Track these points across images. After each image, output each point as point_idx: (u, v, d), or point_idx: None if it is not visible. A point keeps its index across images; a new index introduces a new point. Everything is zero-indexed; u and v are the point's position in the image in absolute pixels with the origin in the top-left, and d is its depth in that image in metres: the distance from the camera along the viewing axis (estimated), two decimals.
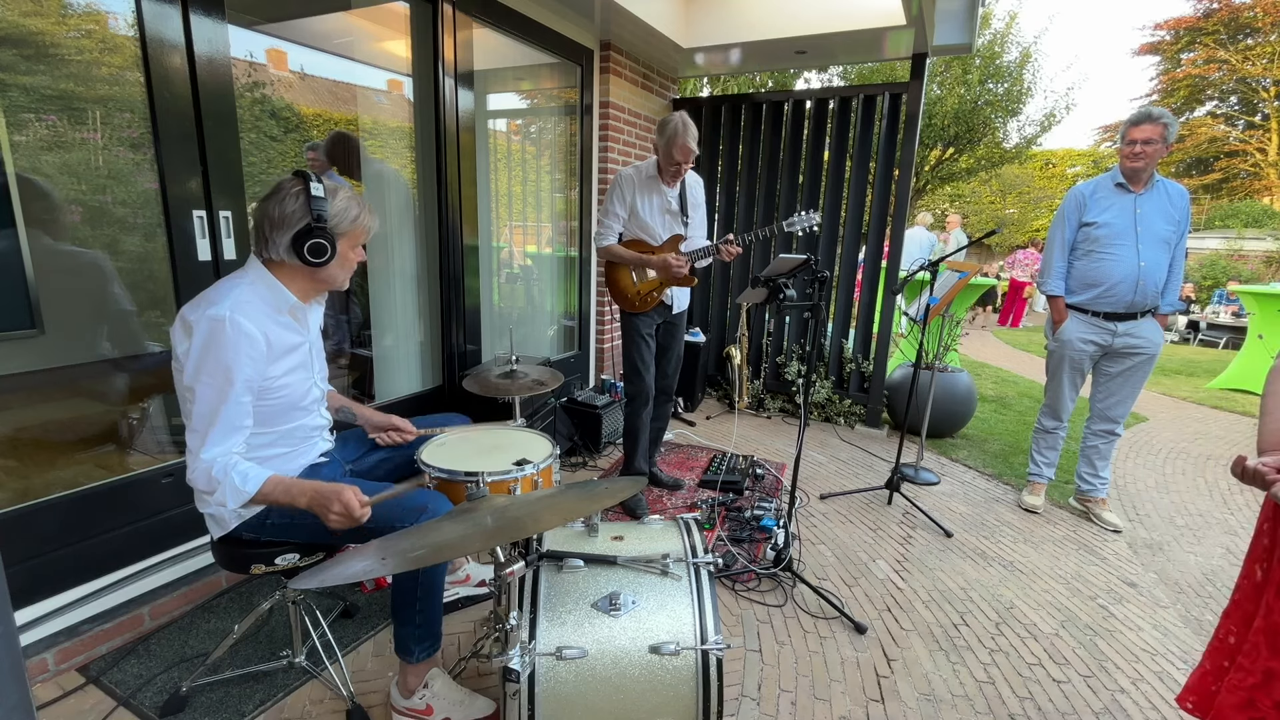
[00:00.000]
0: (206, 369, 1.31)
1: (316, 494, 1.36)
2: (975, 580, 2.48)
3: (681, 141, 2.52)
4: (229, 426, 1.35)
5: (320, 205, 1.41)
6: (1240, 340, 6.91)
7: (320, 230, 1.42)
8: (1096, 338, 2.84)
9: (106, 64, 1.90)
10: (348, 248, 1.51)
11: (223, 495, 1.34)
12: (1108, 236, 2.75)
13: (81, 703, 1.69)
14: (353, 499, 1.34)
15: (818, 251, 4.35)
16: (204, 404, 1.33)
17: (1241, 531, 3.03)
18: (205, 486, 1.35)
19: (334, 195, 1.45)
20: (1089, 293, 2.82)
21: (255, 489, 1.35)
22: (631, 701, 1.27)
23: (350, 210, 1.48)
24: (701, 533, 1.54)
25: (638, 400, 2.81)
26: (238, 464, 1.36)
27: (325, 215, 1.42)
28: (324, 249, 1.43)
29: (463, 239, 3.14)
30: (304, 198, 1.40)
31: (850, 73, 12.20)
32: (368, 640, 1.98)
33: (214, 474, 1.33)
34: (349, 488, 1.36)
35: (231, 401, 1.34)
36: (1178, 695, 1.41)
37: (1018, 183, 19.93)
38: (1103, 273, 2.77)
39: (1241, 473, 1.07)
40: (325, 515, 1.35)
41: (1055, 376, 3.01)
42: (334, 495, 1.34)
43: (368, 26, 2.96)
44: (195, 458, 1.34)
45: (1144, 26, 37.27)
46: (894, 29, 3.58)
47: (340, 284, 1.57)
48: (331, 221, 1.44)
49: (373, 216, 1.56)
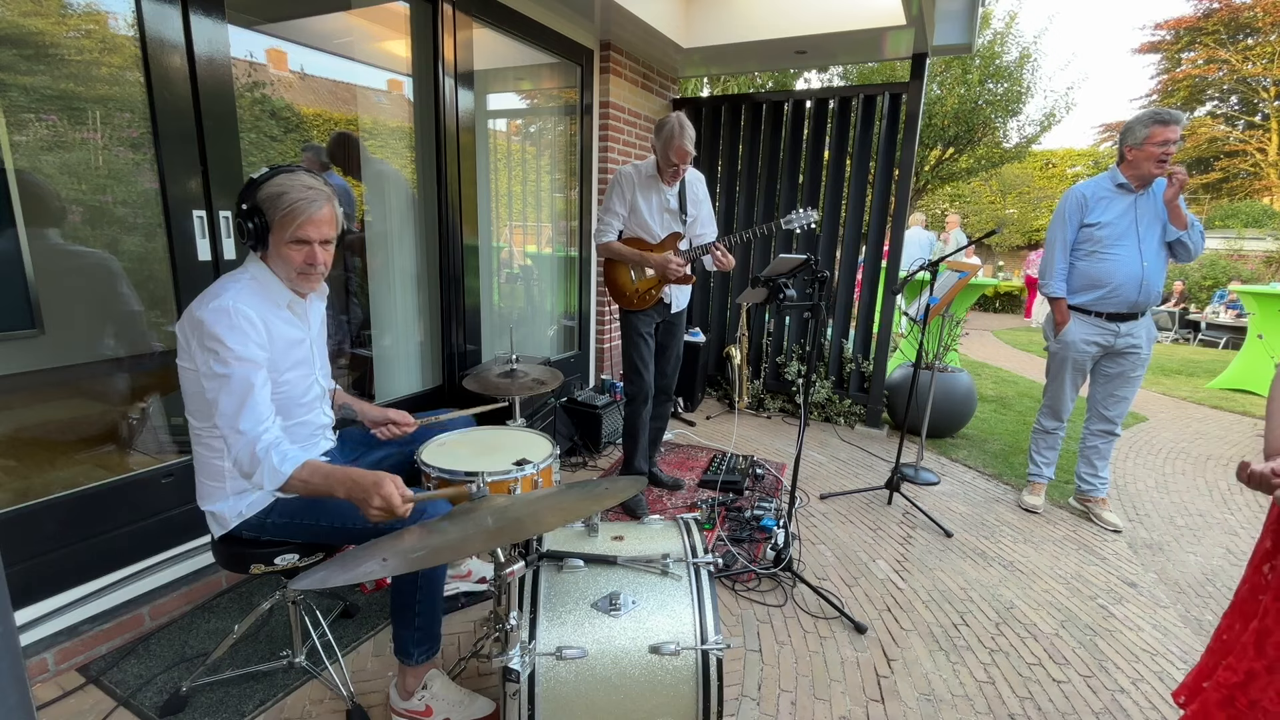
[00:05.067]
0: (225, 354, 1.32)
1: (355, 484, 1.29)
2: (975, 580, 2.48)
3: (678, 144, 2.51)
4: (261, 402, 1.35)
5: (250, 187, 1.38)
6: (1240, 340, 6.91)
7: (247, 213, 1.38)
8: (1100, 339, 2.83)
9: (106, 64, 1.90)
10: (280, 241, 1.40)
11: (261, 476, 1.31)
12: (1110, 237, 2.72)
13: (81, 703, 1.69)
14: (393, 492, 1.27)
15: (818, 251, 4.35)
16: (230, 386, 1.32)
17: (1241, 531, 3.03)
18: (249, 465, 1.32)
19: (273, 182, 1.37)
20: (1092, 294, 2.79)
21: (291, 470, 1.32)
22: (631, 701, 1.27)
23: (281, 198, 1.36)
24: (701, 533, 1.54)
25: (637, 400, 2.81)
26: (280, 443, 1.34)
27: (255, 199, 1.37)
28: (243, 230, 1.39)
29: (463, 239, 3.14)
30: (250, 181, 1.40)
31: (850, 72, 12.20)
32: (368, 640, 1.98)
33: (257, 451, 1.30)
34: (389, 478, 1.29)
35: (259, 380, 1.35)
36: (1174, 690, 1.43)
37: (1018, 183, 19.92)
38: (1106, 273, 2.74)
39: (1248, 478, 1.06)
40: (365, 508, 1.29)
41: (1057, 378, 2.99)
42: (374, 487, 1.27)
43: (368, 26, 2.96)
44: (237, 434, 1.31)
45: (1144, 26, 37.33)
46: (894, 29, 3.58)
47: (298, 286, 1.48)
48: (263, 206, 1.37)
49: (311, 209, 1.39)
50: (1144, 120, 2.60)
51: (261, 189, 1.38)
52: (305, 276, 1.47)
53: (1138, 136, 2.62)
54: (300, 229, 1.40)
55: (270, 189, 1.38)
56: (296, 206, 1.38)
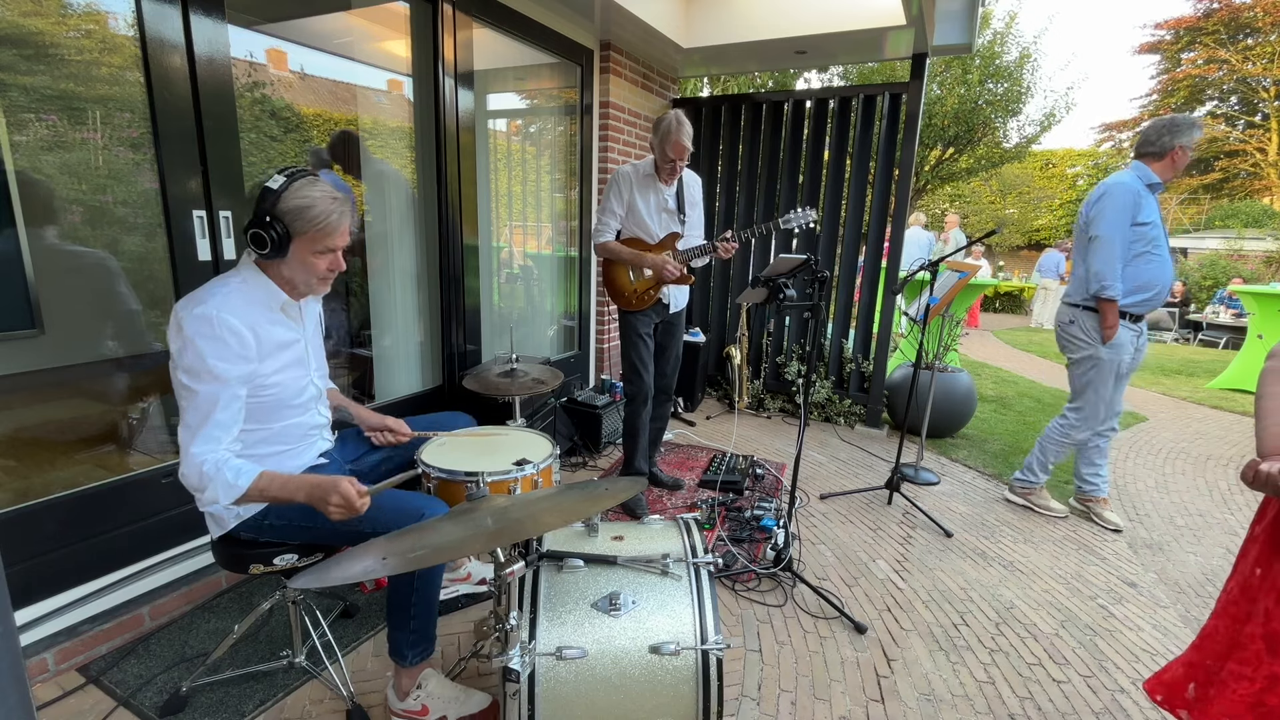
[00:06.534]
0: (197, 367, 1.31)
1: (313, 487, 1.36)
2: (975, 580, 2.48)
3: (675, 138, 2.51)
4: (221, 423, 1.35)
5: (270, 198, 1.37)
6: (1240, 340, 6.91)
7: (267, 224, 1.37)
8: (1132, 340, 2.79)
9: (106, 64, 1.90)
10: (305, 251, 1.41)
11: (214, 492, 1.33)
12: (1157, 237, 2.68)
13: (81, 703, 1.69)
14: (350, 489, 1.33)
15: (818, 251, 4.35)
16: (196, 401, 1.32)
17: (1241, 531, 3.02)
18: (196, 483, 1.34)
19: (295, 192, 1.37)
20: (1140, 295, 2.70)
21: (248, 483, 1.34)
22: (631, 701, 1.27)
23: (309, 210, 1.38)
24: (701, 533, 1.54)
25: (637, 400, 2.81)
26: (229, 460, 1.35)
27: (275, 210, 1.37)
28: (263, 240, 1.38)
29: (463, 239, 3.14)
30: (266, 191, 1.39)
31: (850, 72, 12.20)
32: (368, 640, 1.98)
33: (205, 470, 1.32)
34: (345, 478, 1.35)
35: (223, 399, 1.34)
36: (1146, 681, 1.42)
37: (1018, 183, 19.93)
38: (1154, 275, 2.68)
39: (1254, 478, 1.04)
40: (325, 507, 1.34)
41: (1101, 386, 2.81)
42: (330, 486, 1.33)
43: (368, 26, 2.96)
44: (186, 453, 1.33)
45: (1144, 25, 37.32)
46: (894, 29, 3.58)
47: (306, 291, 1.50)
48: (286, 218, 1.38)
49: (342, 223, 1.42)
50: (1195, 124, 2.60)
51: (283, 199, 1.37)
52: (324, 282, 1.50)
53: (1192, 138, 2.61)
54: (331, 240, 1.43)
55: (295, 200, 1.37)
56: (330, 221, 1.40)
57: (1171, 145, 2.63)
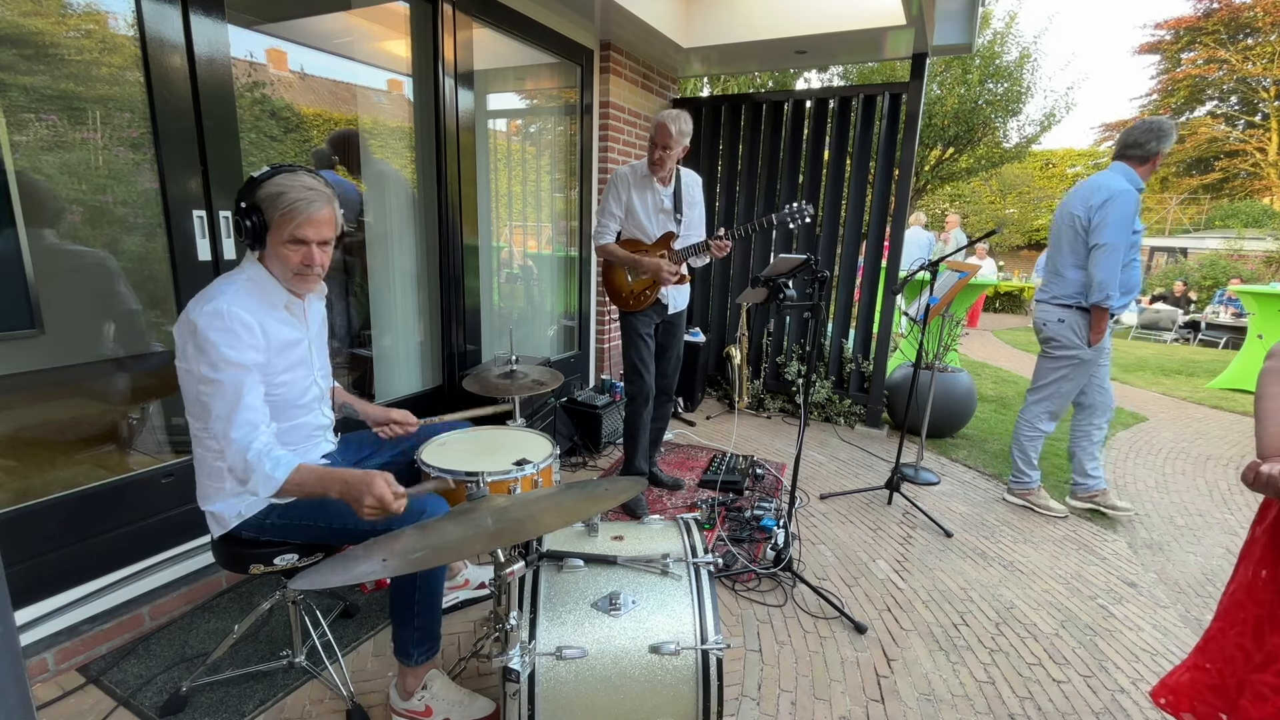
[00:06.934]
0: (216, 359, 1.32)
1: (347, 484, 1.32)
2: (975, 580, 2.48)
3: (662, 123, 2.51)
4: (251, 405, 1.35)
5: (251, 186, 1.37)
6: (1240, 340, 6.91)
7: (245, 211, 1.37)
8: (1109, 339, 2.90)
9: (106, 64, 1.90)
10: (277, 240, 1.39)
11: (255, 483, 1.32)
12: (1138, 242, 2.74)
13: (81, 703, 1.69)
14: (385, 490, 1.29)
15: (818, 251, 4.35)
16: (222, 390, 1.32)
17: (1241, 531, 3.02)
18: (242, 472, 1.33)
19: (274, 182, 1.37)
20: (1125, 299, 2.75)
21: (285, 476, 1.33)
22: (631, 701, 1.27)
23: (280, 197, 1.35)
24: (701, 533, 1.54)
25: (637, 400, 2.81)
26: (270, 450, 1.34)
27: (253, 198, 1.37)
28: (241, 228, 1.38)
29: (463, 239, 3.14)
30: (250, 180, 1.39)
31: (850, 72, 12.20)
32: (368, 640, 1.98)
33: (249, 457, 1.31)
34: (379, 475, 1.31)
35: (248, 384, 1.35)
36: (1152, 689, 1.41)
37: (1018, 183, 19.92)
38: (1136, 278, 2.78)
39: (1254, 479, 1.03)
40: (358, 507, 1.31)
41: (1076, 380, 2.93)
42: (366, 486, 1.29)
43: (368, 26, 2.96)
44: (228, 442, 1.32)
45: (1144, 25, 37.33)
46: (894, 29, 3.57)
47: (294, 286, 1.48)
48: (262, 205, 1.37)
49: (310, 210, 1.38)
50: (1175, 128, 2.64)
51: (261, 188, 1.37)
52: (302, 277, 1.46)
53: (1170, 143, 2.65)
54: (298, 229, 1.39)
55: (270, 188, 1.37)
56: (296, 206, 1.37)
57: (1157, 150, 2.67)
